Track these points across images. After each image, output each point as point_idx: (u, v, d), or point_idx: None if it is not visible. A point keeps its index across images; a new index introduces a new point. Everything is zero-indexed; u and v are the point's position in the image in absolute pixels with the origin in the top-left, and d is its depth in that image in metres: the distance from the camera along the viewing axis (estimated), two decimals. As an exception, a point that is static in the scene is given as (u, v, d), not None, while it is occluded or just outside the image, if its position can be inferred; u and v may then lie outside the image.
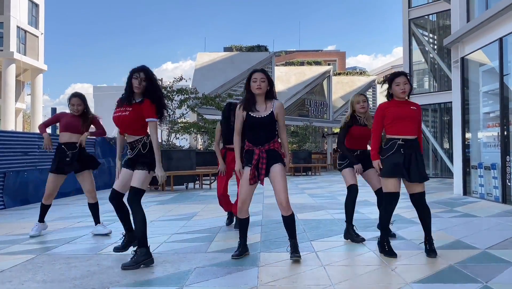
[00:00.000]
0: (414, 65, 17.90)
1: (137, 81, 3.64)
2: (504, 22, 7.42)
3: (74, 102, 5.02)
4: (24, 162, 9.03)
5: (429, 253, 3.72)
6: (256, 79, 3.63)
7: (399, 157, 3.68)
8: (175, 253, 3.99)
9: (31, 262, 3.74)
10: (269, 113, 3.62)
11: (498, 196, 7.68)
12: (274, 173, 3.61)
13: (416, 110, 3.81)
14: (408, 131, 3.73)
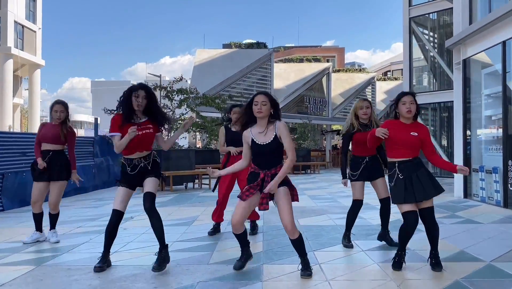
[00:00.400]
0: (414, 63, 17.84)
1: (138, 99, 3.80)
2: (507, 26, 7.36)
3: (57, 109, 4.94)
4: (23, 162, 8.95)
5: (434, 267, 3.68)
6: (258, 103, 3.53)
7: (401, 183, 3.67)
8: (177, 265, 3.94)
9: (31, 274, 3.68)
10: (273, 138, 3.54)
11: (499, 200, 7.65)
12: (279, 195, 3.54)
13: (417, 136, 3.72)
14: (403, 156, 3.71)
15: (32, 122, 37.04)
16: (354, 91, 29.60)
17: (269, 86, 23.98)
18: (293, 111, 26.28)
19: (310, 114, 26.36)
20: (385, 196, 4.56)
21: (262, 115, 3.54)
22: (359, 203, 4.55)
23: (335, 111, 28.29)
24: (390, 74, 45.76)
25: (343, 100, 29.05)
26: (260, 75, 23.81)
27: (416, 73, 18.28)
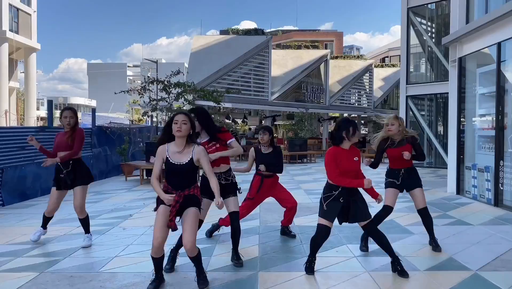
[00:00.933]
0: (411, 53, 17.85)
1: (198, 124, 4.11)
2: (503, 27, 7.41)
3: (67, 114, 5.07)
4: (22, 156, 9.05)
5: (401, 274, 3.95)
6: (177, 122, 3.54)
7: (338, 205, 3.98)
8: (176, 272, 4.09)
9: (35, 283, 3.82)
10: (189, 160, 3.56)
11: (490, 199, 7.83)
12: (187, 214, 3.58)
13: (357, 161, 4.05)
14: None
15: (28, 106, 36.91)
16: (351, 79, 29.58)
17: (266, 73, 23.93)
18: (290, 98, 26.28)
19: (307, 102, 26.38)
20: (422, 206, 4.81)
21: (181, 134, 3.54)
22: (389, 209, 4.76)
23: (333, 99, 28.31)
24: (388, 60, 45.64)
25: (340, 88, 29.04)
26: (258, 62, 23.71)
27: (414, 63, 18.31)
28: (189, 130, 3.59)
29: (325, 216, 4.01)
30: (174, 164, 3.54)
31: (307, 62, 26.73)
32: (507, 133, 7.48)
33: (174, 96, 11.78)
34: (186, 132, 3.57)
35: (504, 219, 6.57)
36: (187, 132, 3.58)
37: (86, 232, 5.19)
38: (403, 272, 3.93)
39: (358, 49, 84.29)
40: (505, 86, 7.57)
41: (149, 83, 11.61)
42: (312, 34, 54.04)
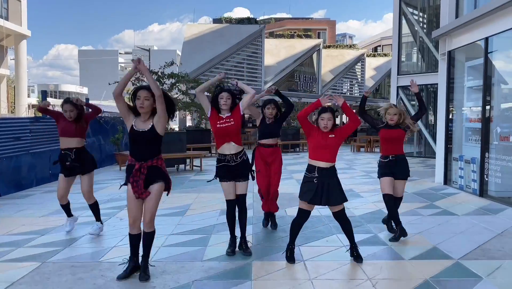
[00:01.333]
0: (403, 44, 18.01)
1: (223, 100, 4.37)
2: (491, 23, 7.60)
3: (66, 108, 5.15)
4: (17, 147, 9.12)
5: (357, 259, 4.25)
6: (140, 97, 3.65)
7: (313, 186, 4.11)
8: (173, 262, 4.28)
9: (38, 272, 3.99)
10: (150, 127, 3.68)
11: (476, 189, 8.09)
12: (151, 190, 3.71)
13: (335, 138, 4.15)
14: (322, 159, 4.12)
15: (19, 94, 36.60)
16: (344, 68, 29.75)
17: (259, 63, 24.00)
18: (283, 87, 26.39)
19: (300, 91, 26.54)
20: (399, 196, 5.10)
21: (143, 111, 3.67)
22: (389, 197, 4.96)
23: (325, 88, 28.47)
24: (380, 49, 45.79)
25: (332, 77, 29.21)
26: (250, 52, 23.76)
27: (405, 54, 18.49)
28: (152, 105, 3.69)
29: (301, 197, 4.20)
30: (137, 131, 3.67)
31: (299, 51, 26.82)
32: (493, 126, 7.72)
33: (168, 87, 11.86)
34: (149, 108, 3.69)
35: (488, 209, 6.84)
36: (149, 108, 3.69)
37: (97, 219, 5.37)
38: (359, 257, 4.23)
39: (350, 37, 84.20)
40: (492, 80, 7.79)
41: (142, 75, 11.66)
42: (305, 23, 53.92)
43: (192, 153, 12.35)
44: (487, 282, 3.77)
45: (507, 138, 7.35)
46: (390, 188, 5.00)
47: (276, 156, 5.42)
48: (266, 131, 5.39)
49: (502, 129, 7.49)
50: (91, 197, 5.34)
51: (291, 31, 35.48)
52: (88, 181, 5.28)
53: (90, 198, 5.33)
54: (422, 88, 17.53)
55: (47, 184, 9.65)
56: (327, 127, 4.12)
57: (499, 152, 7.52)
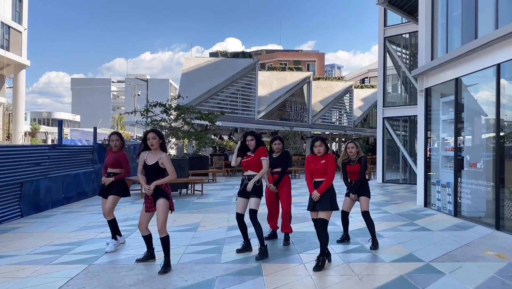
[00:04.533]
0: (388, 78, 19.45)
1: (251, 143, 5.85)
2: (460, 65, 8.86)
3: (113, 138, 6.17)
4: (37, 172, 10.00)
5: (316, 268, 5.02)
6: (149, 138, 5.08)
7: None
8: (196, 264, 5.21)
9: (89, 271, 4.89)
10: (155, 162, 5.06)
11: (451, 210, 9.16)
12: (158, 204, 5.02)
13: (325, 163, 5.27)
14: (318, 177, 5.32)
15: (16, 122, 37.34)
16: (333, 99, 31.20)
17: (253, 93, 25.27)
18: (275, 116, 27.64)
19: (291, 120, 27.77)
20: (364, 210, 6.29)
21: (153, 147, 5.10)
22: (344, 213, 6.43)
23: (315, 118, 29.78)
24: (368, 80, 47.78)
25: (322, 108, 30.59)
26: (245, 83, 25.05)
27: (390, 86, 19.90)
28: (159, 142, 5.10)
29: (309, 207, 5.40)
30: (147, 164, 5.10)
31: (291, 83, 28.24)
32: (464, 154, 8.86)
33: (174, 118, 12.93)
34: (157, 145, 5.09)
35: (459, 226, 7.89)
36: (157, 144, 5.09)
37: (113, 236, 6.21)
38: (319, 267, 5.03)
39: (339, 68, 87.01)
40: (462, 115, 8.99)
41: (152, 106, 12.75)
42: (295, 55, 56.03)
43: (194, 178, 13.29)
44: (449, 276, 4.77)
45: (475, 165, 8.48)
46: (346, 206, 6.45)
47: (284, 182, 6.45)
48: (274, 163, 6.49)
49: (471, 157, 8.63)
50: (111, 214, 6.16)
51: (282, 64, 37.14)
52: (113, 200, 6.16)
53: (110, 214, 6.14)
54: (406, 119, 18.85)
55: (62, 206, 10.48)
56: (320, 152, 5.30)
57: (469, 177, 8.63)
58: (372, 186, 16.11)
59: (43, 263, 5.25)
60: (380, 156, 18.36)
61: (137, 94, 46.56)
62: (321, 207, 5.21)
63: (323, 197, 5.20)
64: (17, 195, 9.09)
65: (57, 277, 4.67)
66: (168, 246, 5.02)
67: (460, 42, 9.37)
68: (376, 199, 12.08)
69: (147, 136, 5.11)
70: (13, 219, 8.54)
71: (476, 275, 4.85)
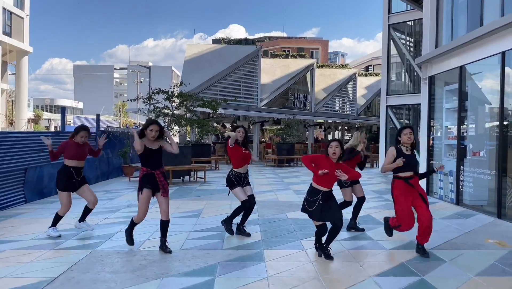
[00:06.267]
0: (392, 65, 19.32)
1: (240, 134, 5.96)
2: (464, 53, 8.78)
3: (83, 134, 6.11)
4: (40, 158, 10.05)
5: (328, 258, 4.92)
6: (152, 130, 5.10)
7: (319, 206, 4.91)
8: (199, 250, 5.26)
9: (93, 256, 4.95)
10: (159, 147, 5.19)
11: (453, 198, 9.17)
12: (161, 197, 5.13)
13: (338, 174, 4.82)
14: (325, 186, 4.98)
15: (19, 108, 37.44)
16: (336, 87, 31.05)
17: (256, 81, 25.16)
18: (278, 104, 27.56)
19: (294, 109, 27.70)
20: (360, 195, 6.37)
21: (153, 139, 5.14)
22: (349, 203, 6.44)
23: (318, 106, 29.69)
24: (371, 68, 47.46)
25: (325, 96, 30.46)
26: (247, 71, 24.93)
27: (394, 75, 19.79)
28: (158, 132, 5.14)
29: (310, 215, 5.00)
30: (150, 148, 5.10)
31: (294, 70, 28.08)
32: (467, 143, 8.84)
33: (176, 105, 12.91)
34: (157, 134, 5.14)
35: (461, 215, 7.91)
36: (157, 134, 5.14)
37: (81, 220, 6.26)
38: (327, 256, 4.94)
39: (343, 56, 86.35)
40: (465, 103, 8.94)
41: (154, 93, 12.72)
42: (299, 42, 55.65)
43: (197, 165, 13.33)
44: (449, 264, 4.80)
45: (478, 154, 8.46)
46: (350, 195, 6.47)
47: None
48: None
49: (474, 145, 8.61)
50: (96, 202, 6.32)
51: (285, 51, 36.91)
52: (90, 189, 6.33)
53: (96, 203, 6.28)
54: (410, 107, 18.78)
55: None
56: (335, 153, 4.86)
57: (471, 166, 8.63)
58: (374, 175, 16.15)
59: (47, 248, 5.31)
60: (383, 144, 18.33)
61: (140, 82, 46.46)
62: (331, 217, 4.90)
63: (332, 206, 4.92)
64: (21, 181, 9.16)
65: (61, 261, 4.73)
66: (168, 228, 5.28)
67: (465, 30, 9.28)
68: (378, 187, 12.11)
69: (150, 128, 5.09)
70: (17, 204, 8.61)
71: (477, 262, 4.88)
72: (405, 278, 4.32)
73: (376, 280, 4.26)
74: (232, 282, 4.14)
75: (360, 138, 6.46)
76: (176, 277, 4.27)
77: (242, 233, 6.04)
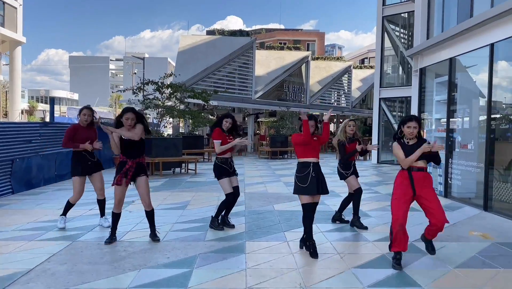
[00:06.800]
0: (385, 58, 19.26)
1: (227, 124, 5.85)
2: (454, 45, 8.73)
3: (86, 112, 6.02)
4: (28, 149, 9.97)
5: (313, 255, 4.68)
6: (128, 119, 5.03)
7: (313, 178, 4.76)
8: (181, 241, 5.23)
9: (73, 247, 4.91)
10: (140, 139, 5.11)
11: (442, 191, 9.17)
12: (140, 182, 5.15)
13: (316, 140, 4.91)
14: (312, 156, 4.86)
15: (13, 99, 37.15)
16: (331, 79, 30.96)
17: (250, 73, 25.05)
18: (272, 97, 27.47)
19: (289, 101, 27.62)
20: (357, 188, 6.23)
21: (130, 128, 5.05)
22: (360, 190, 6.23)
23: (313, 98, 29.62)
24: (367, 61, 47.31)
25: (320, 88, 30.39)
26: (242, 62, 24.80)
27: (387, 67, 19.72)
28: (135, 120, 5.05)
29: (306, 192, 4.71)
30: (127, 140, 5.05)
31: (289, 63, 27.97)
32: (456, 135, 8.82)
33: (167, 96, 12.82)
34: (133, 122, 5.05)
35: (448, 207, 7.90)
36: (133, 122, 5.05)
37: (102, 215, 6.20)
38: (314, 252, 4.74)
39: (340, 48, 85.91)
40: (455, 95, 8.91)
41: (144, 84, 12.62)
42: (295, 34, 55.35)
43: (187, 157, 13.27)
44: (430, 256, 4.79)
45: (466, 146, 8.45)
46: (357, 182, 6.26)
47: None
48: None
49: (462, 138, 8.59)
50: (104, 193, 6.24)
51: (281, 43, 36.74)
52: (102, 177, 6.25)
53: (103, 194, 6.22)
54: (403, 100, 18.75)
55: (54, 184, 10.48)
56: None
57: (460, 158, 8.61)
58: (366, 167, 16.16)
59: (27, 239, 5.26)
60: (376, 137, 18.32)
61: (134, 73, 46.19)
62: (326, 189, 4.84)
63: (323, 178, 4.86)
64: (8, 171, 9.07)
65: (40, 253, 4.69)
66: (154, 217, 5.34)
67: (456, 22, 9.22)
68: (369, 179, 12.10)
69: (126, 116, 5.03)
70: (3, 195, 8.55)
71: (458, 255, 4.88)
72: (384, 270, 4.31)
73: (355, 271, 4.25)
74: (210, 274, 4.11)
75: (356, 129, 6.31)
76: (153, 269, 4.23)
77: (227, 225, 6.01)
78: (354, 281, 3.98)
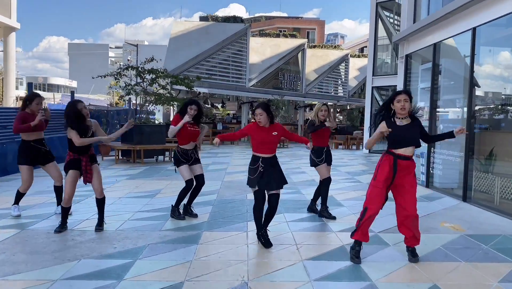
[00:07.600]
0: (379, 46, 18.87)
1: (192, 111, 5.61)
2: (438, 30, 8.42)
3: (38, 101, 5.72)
4: (3, 135, 9.75)
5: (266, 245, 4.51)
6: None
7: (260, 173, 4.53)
8: (135, 230, 5.01)
9: (19, 236, 4.70)
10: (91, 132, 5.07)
11: (424, 181, 8.93)
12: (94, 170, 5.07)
13: (277, 135, 4.60)
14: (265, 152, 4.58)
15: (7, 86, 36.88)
16: (328, 68, 30.54)
17: (244, 60, 24.67)
18: (268, 86, 27.12)
19: (284, 89, 27.26)
20: (326, 177, 5.95)
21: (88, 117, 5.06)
22: (329, 179, 5.96)
23: (309, 87, 29.24)
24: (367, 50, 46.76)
25: (316, 77, 29.97)
26: (236, 50, 24.40)
27: (382, 55, 19.34)
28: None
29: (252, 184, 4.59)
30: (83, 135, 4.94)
31: (284, 50, 27.53)
32: (438, 124, 8.55)
33: (149, 82, 12.54)
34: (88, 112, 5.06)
35: (428, 198, 7.67)
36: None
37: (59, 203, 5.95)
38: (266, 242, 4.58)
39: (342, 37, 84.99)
40: (438, 83, 8.62)
41: (123, 69, 12.33)
42: (295, 22, 54.71)
43: (170, 144, 13.03)
44: (392, 248, 4.58)
45: (448, 135, 8.17)
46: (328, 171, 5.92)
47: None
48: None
49: (444, 126, 8.32)
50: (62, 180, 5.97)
51: (280, 31, 36.26)
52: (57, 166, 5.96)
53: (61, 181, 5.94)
54: (395, 89, 18.38)
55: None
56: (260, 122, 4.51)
57: (442, 148, 8.35)
58: (356, 156, 15.91)
59: (-23, 227, 5.06)
60: (368, 126, 18.02)
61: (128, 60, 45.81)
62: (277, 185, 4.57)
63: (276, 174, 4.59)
64: (-19, 158, 8.88)
65: (-18, 241, 4.49)
66: (104, 205, 5.19)
67: (441, 6, 8.88)
68: (354, 168, 11.86)
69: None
70: (-28, 182, 8.35)
71: (422, 247, 4.64)
72: (338, 263, 4.09)
73: (306, 264, 4.03)
74: (151, 265, 3.89)
75: (328, 114, 6.03)
76: (94, 259, 4.02)
77: (189, 214, 5.79)
78: (301, 275, 3.76)
